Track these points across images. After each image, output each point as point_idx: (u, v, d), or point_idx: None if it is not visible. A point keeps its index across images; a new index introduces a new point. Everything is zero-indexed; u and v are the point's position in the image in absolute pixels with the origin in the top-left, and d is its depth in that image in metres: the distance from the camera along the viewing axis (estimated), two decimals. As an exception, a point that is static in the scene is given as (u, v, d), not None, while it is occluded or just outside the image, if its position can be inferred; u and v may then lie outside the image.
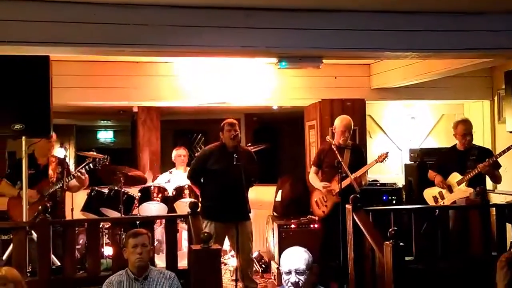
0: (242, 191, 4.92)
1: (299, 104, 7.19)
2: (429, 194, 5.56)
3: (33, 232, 4.21)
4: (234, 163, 4.84)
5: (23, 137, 4.54)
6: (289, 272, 2.95)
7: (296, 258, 2.99)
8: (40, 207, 4.17)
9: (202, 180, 5.27)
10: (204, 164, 5.19)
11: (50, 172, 5.09)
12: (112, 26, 3.70)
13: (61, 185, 5.06)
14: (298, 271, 2.93)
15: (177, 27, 3.78)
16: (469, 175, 5.17)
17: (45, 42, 3.68)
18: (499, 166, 5.25)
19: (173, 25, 3.77)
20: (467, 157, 5.30)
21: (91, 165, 5.24)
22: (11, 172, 5.17)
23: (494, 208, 4.93)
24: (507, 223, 4.80)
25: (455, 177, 5.29)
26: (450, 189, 5.33)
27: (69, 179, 5.10)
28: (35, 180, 4.98)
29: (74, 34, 3.67)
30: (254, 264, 6.46)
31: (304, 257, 2.99)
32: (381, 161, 5.40)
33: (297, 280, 2.92)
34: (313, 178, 5.63)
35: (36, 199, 4.91)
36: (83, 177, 5.11)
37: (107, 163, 5.44)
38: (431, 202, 5.50)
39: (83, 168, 5.17)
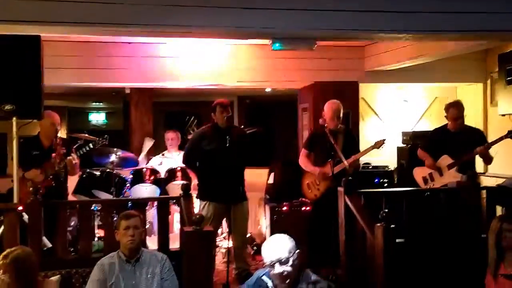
0: (237, 171, 4.91)
1: (293, 87, 7.16)
2: (419, 174, 5.53)
3: (24, 213, 4.18)
4: (227, 144, 4.83)
5: (14, 118, 4.49)
6: (272, 265, 2.78)
7: (277, 247, 2.82)
8: (31, 188, 4.16)
9: (197, 164, 5.24)
10: (198, 146, 5.16)
11: (54, 153, 5.06)
12: (105, 5, 3.64)
13: (64, 166, 5.02)
14: (281, 260, 2.76)
15: (171, 6, 3.73)
16: (461, 160, 5.17)
17: (36, 21, 3.63)
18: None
19: (167, 5, 3.72)
20: (458, 138, 5.29)
21: (90, 145, 5.23)
22: (18, 153, 5.11)
23: (484, 191, 4.96)
24: (497, 206, 4.84)
25: (445, 160, 5.27)
26: (440, 172, 5.33)
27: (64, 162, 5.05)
28: (39, 161, 4.98)
29: (66, 13, 3.61)
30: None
31: (284, 243, 2.82)
32: (378, 148, 5.40)
33: (281, 271, 2.76)
34: (304, 161, 5.60)
35: (41, 179, 4.89)
36: (73, 162, 5.07)
37: (106, 143, 5.44)
38: (420, 183, 5.49)
39: (80, 151, 5.16)
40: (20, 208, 4.18)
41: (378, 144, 5.39)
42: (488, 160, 5.33)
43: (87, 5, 3.61)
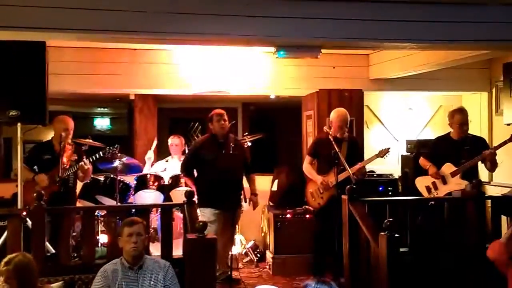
0: (237, 180, 4.95)
1: (297, 94, 7.16)
2: (422, 183, 5.47)
3: (27, 219, 4.19)
4: (231, 152, 4.87)
5: (18, 124, 4.51)
6: None
7: None
8: (35, 194, 4.16)
9: (195, 172, 5.36)
10: (197, 157, 5.28)
11: (64, 159, 5.09)
12: (110, 13, 3.67)
13: (73, 171, 5.09)
14: None
15: (176, 14, 3.75)
16: (464, 167, 5.14)
17: (42, 27, 3.65)
18: None
19: (172, 12, 3.74)
20: (461, 146, 5.25)
21: (101, 153, 5.26)
22: (28, 156, 5.21)
23: (489, 200, 4.93)
24: (502, 215, 4.81)
25: (449, 167, 5.23)
26: (444, 180, 5.29)
27: (77, 167, 5.09)
28: (50, 166, 5.04)
29: (72, 20, 3.64)
30: (249, 253, 6.49)
31: None
32: (382, 156, 5.39)
33: None
34: (308, 168, 5.60)
35: (46, 184, 4.94)
36: (85, 167, 5.11)
37: (117, 152, 5.49)
38: (423, 192, 5.43)
39: (89, 158, 5.19)
40: (24, 213, 4.19)
41: (382, 153, 5.37)
42: (494, 165, 5.28)
43: (93, 12, 3.64)
